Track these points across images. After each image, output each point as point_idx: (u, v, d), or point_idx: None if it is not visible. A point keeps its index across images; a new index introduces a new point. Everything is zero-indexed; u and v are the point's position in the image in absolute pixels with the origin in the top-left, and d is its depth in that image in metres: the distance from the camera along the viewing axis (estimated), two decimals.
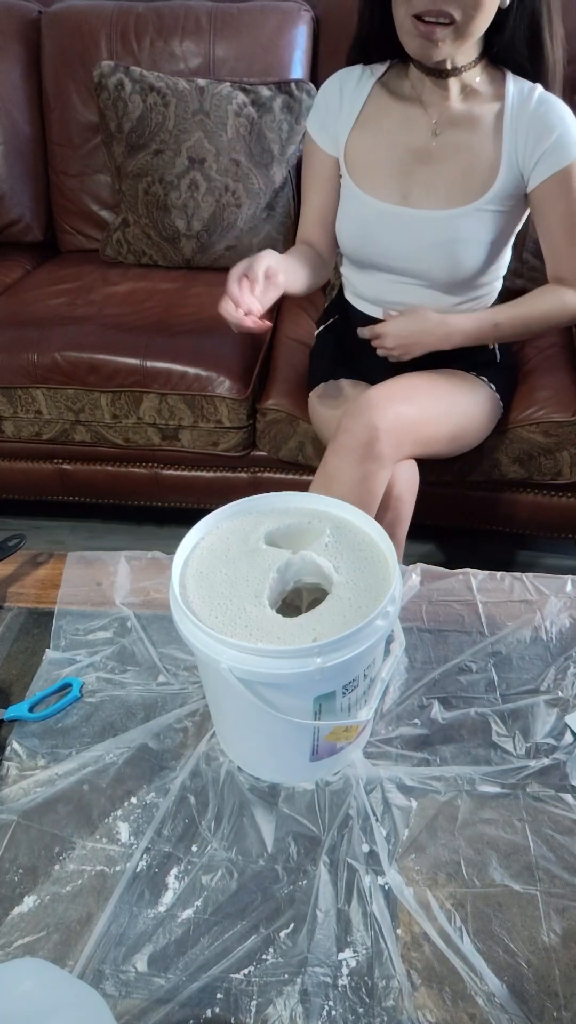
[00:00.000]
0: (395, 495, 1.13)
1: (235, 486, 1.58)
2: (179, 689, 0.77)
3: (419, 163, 1.09)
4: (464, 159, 1.07)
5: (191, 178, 1.64)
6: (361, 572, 0.64)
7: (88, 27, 1.73)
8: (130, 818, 0.66)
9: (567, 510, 1.46)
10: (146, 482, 1.60)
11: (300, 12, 1.72)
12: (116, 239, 1.77)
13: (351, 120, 1.12)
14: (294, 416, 1.39)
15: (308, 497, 0.72)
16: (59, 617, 0.86)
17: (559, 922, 0.59)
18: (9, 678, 0.79)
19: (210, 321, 1.52)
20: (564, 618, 0.84)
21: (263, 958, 0.57)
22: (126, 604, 0.87)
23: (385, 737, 0.72)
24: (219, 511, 0.69)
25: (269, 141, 1.63)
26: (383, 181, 1.11)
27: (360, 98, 1.12)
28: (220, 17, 1.70)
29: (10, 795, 0.68)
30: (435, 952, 0.57)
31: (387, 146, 1.10)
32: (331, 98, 1.14)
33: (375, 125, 1.10)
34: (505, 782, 0.68)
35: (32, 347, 1.46)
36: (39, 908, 0.60)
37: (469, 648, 0.81)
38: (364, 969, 0.56)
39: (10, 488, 1.68)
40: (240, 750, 0.69)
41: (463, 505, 1.49)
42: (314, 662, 0.55)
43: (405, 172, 1.09)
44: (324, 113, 1.15)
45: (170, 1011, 0.54)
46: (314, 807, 0.66)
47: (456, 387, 1.15)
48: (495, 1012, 0.54)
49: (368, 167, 1.11)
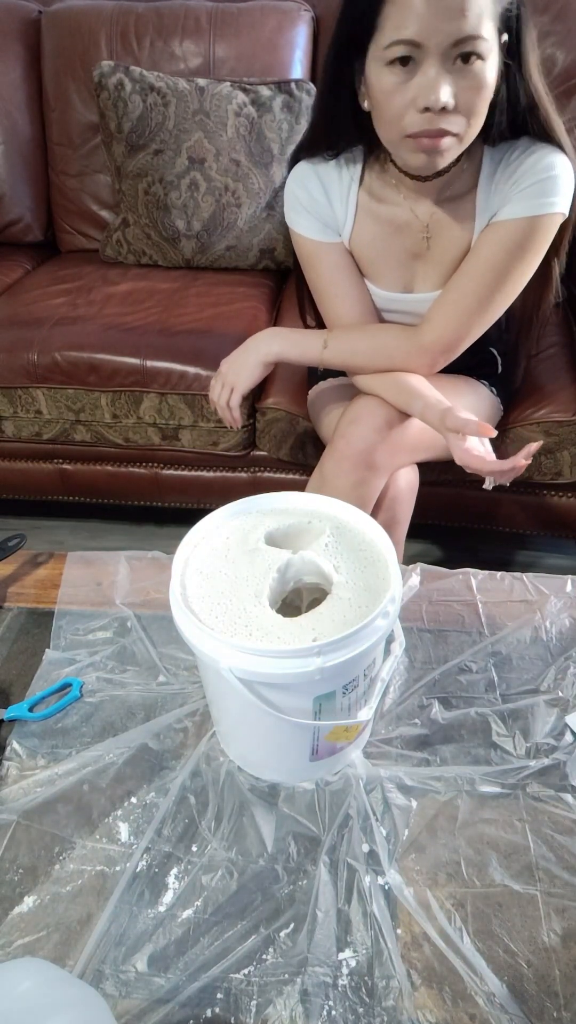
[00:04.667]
0: (393, 496, 1.13)
1: (235, 486, 1.58)
2: (179, 689, 0.77)
3: (416, 260, 1.07)
4: (456, 249, 1.04)
5: (191, 178, 1.64)
6: (361, 572, 0.64)
7: (88, 27, 1.73)
8: (130, 818, 0.66)
9: (567, 510, 1.46)
10: (146, 482, 1.60)
11: (300, 12, 1.72)
12: (116, 239, 1.77)
13: (348, 221, 1.05)
14: (294, 415, 1.39)
15: (308, 497, 0.72)
16: (59, 617, 0.86)
17: (559, 922, 0.59)
18: (9, 678, 0.79)
19: (210, 321, 1.53)
20: (564, 618, 0.84)
21: (263, 958, 0.57)
22: (126, 604, 0.87)
23: (385, 737, 0.72)
24: (219, 511, 0.69)
25: (269, 141, 1.63)
26: (386, 274, 1.09)
27: (349, 200, 1.04)
28: (220, 17, 1.70)
29: (10, 795, 0.68)
30: (435, 952, 0.57)
31: (384, 249, 1.07)
32: (316, 195, 1.03)
33: (370, 231, 1.06)
34: (505, 782, 0.68)
35: (32, 347, 1.46)
36: (39, 908, 0.60)
37: (469, 648, 0.81)
38: (364, 969, 0.56)
39: (10, 488, 1.69)
40: (240, 750, 0.69)
41: (463, 505, 1.49)
42: (314, 662, 0.55)
43: (405, 267, 1.08)
44: (315, 211, 1.05)
45: (170, 1011, 0.54)
46: (314, 807, 0.66)
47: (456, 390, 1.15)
48: (495, 1012, 0.54)
49: (370, 263, 1.09)
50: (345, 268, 1.09)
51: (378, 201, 1.03)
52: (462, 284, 1.01)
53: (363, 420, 1.06)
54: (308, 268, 1.11)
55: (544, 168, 0.92)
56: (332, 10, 1.71)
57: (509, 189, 0.95)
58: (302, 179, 1.04)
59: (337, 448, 1.07)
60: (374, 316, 1.12)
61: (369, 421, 1.05)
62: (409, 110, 0.84)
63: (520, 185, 0.93)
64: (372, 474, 1.06)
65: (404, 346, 1.06)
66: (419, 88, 0.82)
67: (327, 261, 1.08)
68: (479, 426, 0.94)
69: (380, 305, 1.12)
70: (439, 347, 1.04)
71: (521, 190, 0.93)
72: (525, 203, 0.93)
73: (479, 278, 0.99)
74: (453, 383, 1.15)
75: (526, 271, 0.98)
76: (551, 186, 0.92)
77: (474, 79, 0.82)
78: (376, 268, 1.09)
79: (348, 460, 1.05)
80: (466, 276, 1.00)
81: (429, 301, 1.07)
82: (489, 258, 0.98)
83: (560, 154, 0.92)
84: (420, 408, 1.02)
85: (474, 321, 1.02)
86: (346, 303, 1.10)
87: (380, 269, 1.09)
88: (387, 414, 1.06)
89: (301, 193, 1.04)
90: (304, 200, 1.04)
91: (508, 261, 0.97)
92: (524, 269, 0.98)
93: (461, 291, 1.01)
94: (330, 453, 1.08)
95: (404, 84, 0.83)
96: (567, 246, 1.01)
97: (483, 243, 0.99)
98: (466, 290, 1.00)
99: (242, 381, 1.15)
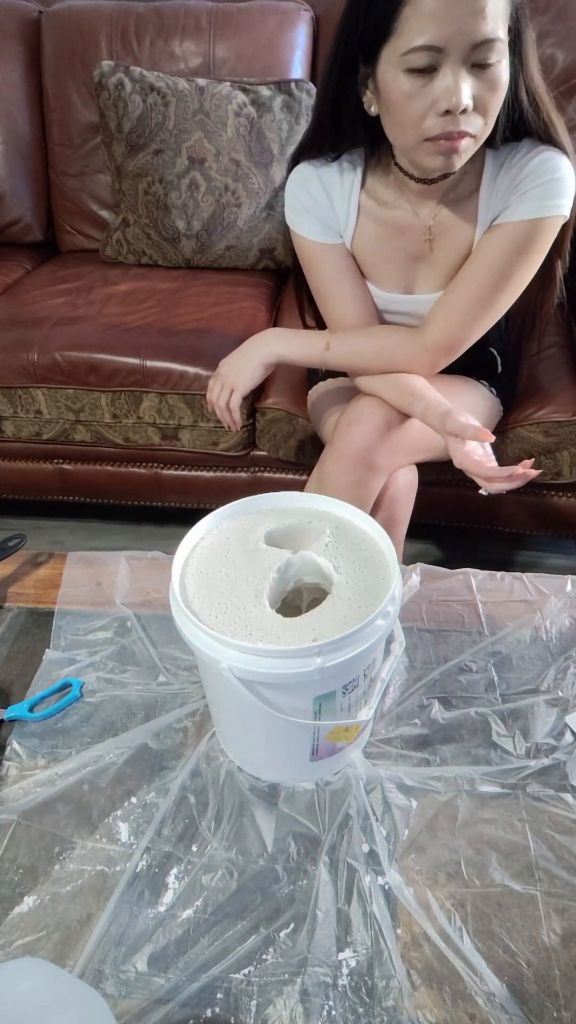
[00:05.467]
0: (392, 496, 1.13)
1: (235, 486, 1.58)
2: (179, 689, 0.77)
3: (417, 262, 1.07)
4: (458, 251, 1.04)
5: (191, 178, 1.64)
6: (361, 572, 0.63)
7: (88, 27, 1.73)
8: (130, 818, 0.66)
9: (567, 510, 1.46)
10: (146, 482, 1.60)
11: (300, 12, 1.72)
12: (116, 239, 1.77)
13: (349, 223, 1.05)
14: (294, 415, 1.39)
15: (308, 497, 0.72)
16: (59, 617, 0.86)
17: (559, 922, 0.59)
18: (9, 678, 0.79)
19: (210, 321, 1.53)
20: (564, 618, 0.84)
21: (263, 958, 0.57)
22: (126, 604, 0.87)
23: (385, 737, 0.72)
24: (219, 511, 0.69)
25: (269, 141, 1.63)
26: (387, 276, 1.09)
27: (351, 202, 1.03)
28: (220, 17, 1.70)
29: (10, 795, 0.68)
30: (435, 952, 0.57)
31: (385, 251, 1.07)
32: (318, 197, 1.03)
33: (372, 233, 1.06)
34: (505, 782, 0.68)
35: (32, 347, 1.46)
36: (39, 908, 0.60)
37: (469, 648, 0.81)
38: (364, 969, 0.56)
39: (10, 488, 1.69)
40: (240, 750, 0.69)
41: (463, 505, 1.49)
42: (314, 662, 0.55)
43: (406, 268, 1.08)
44: (317, 213, 1.04)
45: (170, 1011, 0.54)
46: (314, 807, 0.66)
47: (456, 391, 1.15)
48: (495, 1012, 0.54)
49: (372, 265, 1.09)
50: (347, 269, 1.09)
51: (380, 203, 1.03)
52: (464, 285, 1.01)
53: (363, 420, 1.06)
54: (310, 270, 1.11)
55: (548, 171, 0.92)
56: (332, 10, 1.73)
57: (512, 191, 0.95)
58: (303, 181, 1.04)
59: (337, 448, 1.07)
60: (375, 317, 1.12)
61: (369, 421, 1.05)
62: (429, 114, 0.84)
63: (523, 187, 0.93)
64: (371, 474, 1.07)
65: (406, 347, 1.06)
66: (440, 91, 0.82)
67: (329, 263, 1.08)
68: (477, 431, 0.94)
69: (381, 306, 1.12)
70: (441, 348, 1.04)
71: (524, 192, 0.93)
72: (528, 205, 0.94)
73: (481, 279, 0.99)
74: (453, 383, 1.15)
75: (528, 272, 0.99)
76: (555, 188, 0.92)
77: (491, 79, 0.83)
78: (377, 269, 1.09)
79: (348, 460, 1.05)
80: (468, 277, 1.00)
81: (430, 302, 1.07)
82: (492, 259, 0.98)
83: (563, 156, 0.92)
84: (421, 409, 1.02)
85: (476, 322, 1.02)
86: (348, 304, 1.10)
87: (381, 270, 1.09)
88: (387, 414, 1.06)
89: (302, 195, 1.04)
90: (305, 202, 1.04)
91: (510, 262, 0.97)
92: (526, 270, 0.98)
93: (463, 292, 1.01)
94: (330, 453, 1.08)
95: (424, 88, 0.82)
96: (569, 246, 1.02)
97: (486, 245, 0.99)
98: (468, 291, 1.00)
99: (243, 382, 1.14)
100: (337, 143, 1.00)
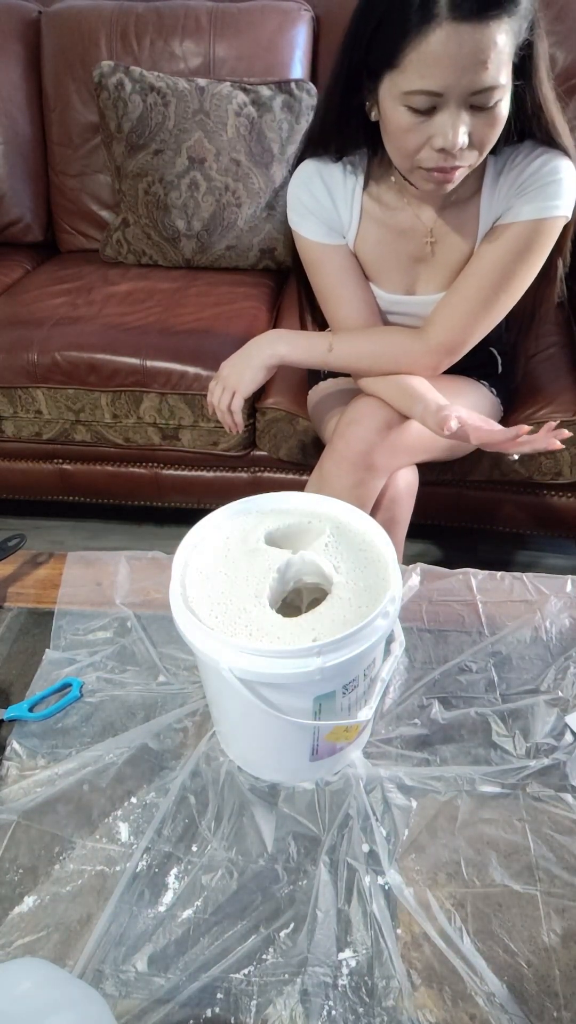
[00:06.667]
0: (392, 496, 1.13)
1: (235, 486, 1.58)
2: (179, 689, 0.77)
3: (419, 263, 1.07)
4: (459, 253, 1.04)
5: (191, 178, 1.64)
6: (361, 572, 0.64)
7: (88, 27, 1.73)
8: (130, 818, 0.66)
9: (567, 510, 1.46)
10: (146, 482, 1.60)
11: (300, 12, 1.72)
12: (116, 239, 1.77)
13: (352, 223, 1.05)
14: (294, 415, 1.39)
15: (308, 497, 0.72)
16: (59, 617, 0.86)
17: (559, 922, 0.59)
18: (9, 678, 0.79)
19: (210, 321, 1.53)
20: (564, 618, 0.84)
21: (263, 958, 0.57)
22: (126, 604, 0.87)
23: (385, 737, 0.72)
24: (219, 511, 0.69)
25: (269, 141, 1.63)
26: (389, 276, 1.09)
27: (354, 204, 1.03)
28: (220, 17, 1.70)
29: (10, 795, 0.68)
30: (435, 952, 0.57)
31: (387, 252, 1.07)
32: (321, 198, 1.03)
33: (374, 235, 1.06)
34: (505, 782, 0.68)
35: (32, 347, 1.46)
36: (39, 908, 0.60)
37: (469, 648, 0.81)
38: (364, 969, 0.56)
39: (10, 488, 1.69)
40: (240, 750, 0.69)
41: (463, 505, 1.49)
42: (314, 662, 0.55)
43: (408, 270, 1.08)
44: (320, 214, 1.04)
45: (170, 1011, 0.54)
46: (314, 807, 0.66)
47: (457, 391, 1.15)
48: (495, 1012, 0.54)
49: (374, 265, 1.09)
50: (350, 270, 1.08)
51: (382, 206, 1.04)
52: (467, 286, 1.01)
53: (363, 421, 1.06)
54: (312, 272, 1.10)
55: (549, 172, 0.92)
56: (332, 10, 1.73)
57: (514, 193, 0.95)
58: (306, 181, 1.03)
59: (336, 449, 1.07)
60: (378, 318, 1.12)
61: (369, 422, 1.05)
62: (424, 147, 0.85)
63: (525, 189, 0.94)
64: (371, 475, 1.07)
65: (409, 348, 1.06)
66: (437, 130, 0.83)
67: (332, 264, 1.08)
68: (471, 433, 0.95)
69: (383, 307, 1.12)
70: (444, 349, 1.05)
71: (526, 194, 0.94)
72: (530, 206, 0.94)
73: (484, 280, 0.99)
74: (454, 384, 1.15)
75: (530, 273, 0.99)
76: (556, 190, 0.92)
77: (490, 117, 0.83)
78: (379, 271, 1.09)
79: (347, 461, 1.05)
80: (471, 278, 1.00)
81: (432, 303, 1.07)
82: (494, 260, 0.98)
83: (564, 158, 0.93)
84: (420, 412, 1.02)
85: (479, 322, 1.02)
86: (351, 306, 1.10)
87: (383, 272, 1.09)
88: (387, 415, 1.06)
89: (305, 196, 1.04)
90: (308, 203, 1.04)
91: (513, 263, 0.97)
92: (528, 271, 0.98)
93: (466, 293, 1.01)
94: (329, 453, 1.08)
95: (421, 124, 0.83)
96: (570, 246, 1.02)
97: (488, 246, 0.99)
98: (471, 292, 1.00)
99: (244, 384, 1.14)
100: (340, 144, 1.00)
